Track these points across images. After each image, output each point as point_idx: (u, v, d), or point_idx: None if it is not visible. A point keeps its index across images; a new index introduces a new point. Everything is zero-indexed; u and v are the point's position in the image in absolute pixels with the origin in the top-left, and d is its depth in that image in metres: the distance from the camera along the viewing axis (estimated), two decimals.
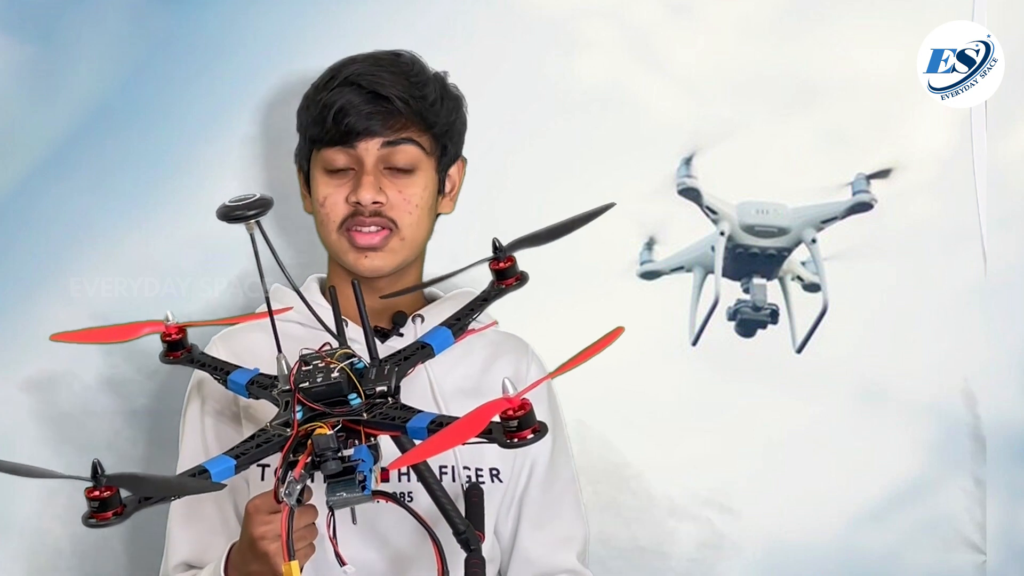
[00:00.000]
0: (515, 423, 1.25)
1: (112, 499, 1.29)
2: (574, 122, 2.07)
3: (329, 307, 1.68)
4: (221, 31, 2.05)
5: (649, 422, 2.06)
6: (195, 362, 1.63)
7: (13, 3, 2.04)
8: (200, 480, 1.36)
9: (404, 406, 1.39)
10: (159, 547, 1.72)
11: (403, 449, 1.47)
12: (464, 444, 1.26)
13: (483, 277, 1.60)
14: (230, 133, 2.05)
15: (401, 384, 1.46)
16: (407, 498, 1.60)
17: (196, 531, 1.69)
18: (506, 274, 1.57)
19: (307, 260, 1.89)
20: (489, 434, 1.27)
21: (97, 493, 1.29)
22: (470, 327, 1.57)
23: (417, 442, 1.38)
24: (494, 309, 1.69)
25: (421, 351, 1.51)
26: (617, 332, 1.32)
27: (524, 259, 1.60)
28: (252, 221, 1.40)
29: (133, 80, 2.05)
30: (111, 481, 1.28)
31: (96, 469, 1.28)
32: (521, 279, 1.58)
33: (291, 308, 1.59)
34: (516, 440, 1.26)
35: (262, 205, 1.40)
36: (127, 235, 2.05)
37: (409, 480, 1.56)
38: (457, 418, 1.30)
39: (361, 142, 1.67)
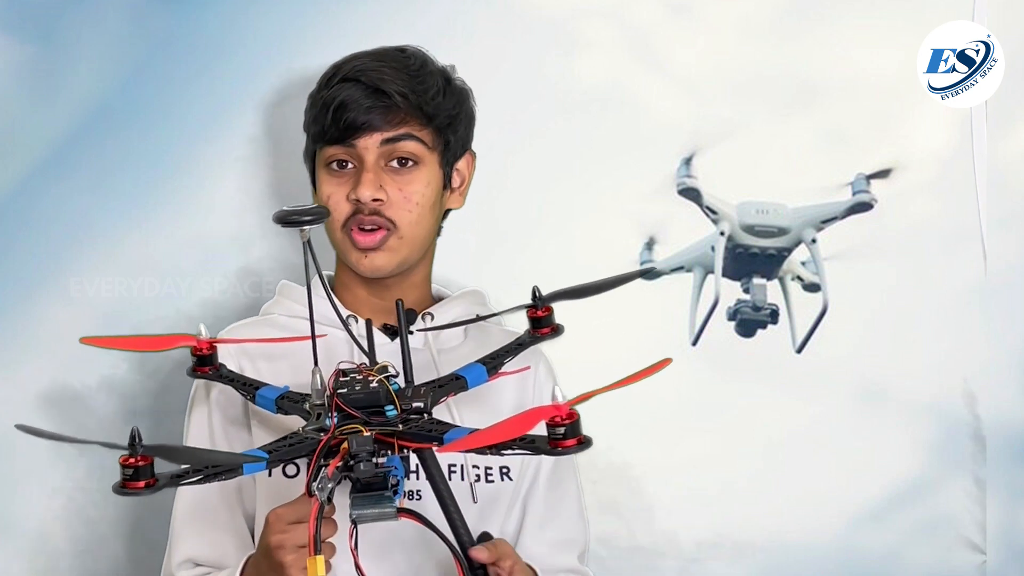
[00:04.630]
0: (562, 431, 1.27)
1: (146, 469, 1.29)
2: (574, 122, 2.07)
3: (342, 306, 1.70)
4: (221, 31, 2.05)
5: (649, 422, 2.06)
6: (223, 378, 1.63)
7: (13, 3, 2.04)
8: (237, 453, 1.35)
9: (439, 421, 1.41)
10: (159, 548, 1.72)
11: (427, 468, 1.48)
12: (505, 453, 1.28)
13: (486, 277, 1.60)
14: (230, 133, 2.05)
15: None
16: (416, 496, 1.60)
17: (203, 527, 1.67)
18: (542, 323, 1.61)
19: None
20: (532, 444, 1.29)
21: (133, 461, 1.28)
22: (504, 368, 1.59)
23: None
24: (484, 304, 1.71)
25: (455, 382, 1.52)
26: (664, 363, 1.36)
27: (520, 250, 1.61)
28: (306, 228, 1.41)
29: (133, 80, 2.05)
30: (148, 451, 1.28)
31: (135, 437, 1.28)
32: (556, 330, 1.62)
33: (325, 336, 1.55)
34: (560, 449, 1.28)
35: (318, 214, 1.42)
36: (127, 235, 2.05)
37: (418, 478, 1.56)
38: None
39: (360, 139, 1.67)
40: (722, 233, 2.08)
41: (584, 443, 1.29)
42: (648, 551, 2.09)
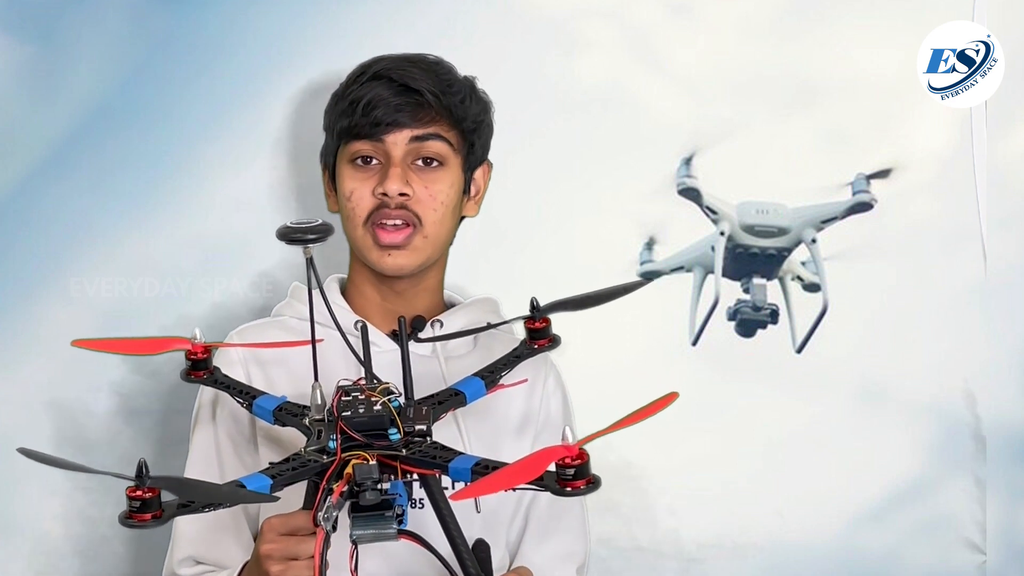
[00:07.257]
0: (571, 472, 1.27)
1: (153, 501, 1.27)
2: (574, 122, 2.07)
3: (346, 307, 1.71)
4: (221, 31, 2.04)
5: (649, 422, 2.03)
6: (218, 383, 1.61)
7: (13, 3, 2.04)
8: (250, 491, 1.34)
9: (443, 446, 1.40)
10: (160, 548, 1.72)
11: (430, 492, 1.47)
12: (515, 488, 1.27)
13: (485, 277, 1.59)
14: (230, 133, 2.05)
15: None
16: (418, 505, 1.59)
17: (205, 526, 1.67)
18: (539, 335, 1.61)
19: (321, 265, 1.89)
20: (540, 481, 1.27)
21: (140, 493, 1.27)
22: (501, 381, 1.58)
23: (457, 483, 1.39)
24: (496, 313, 1.70)
25: (454, 398, 1.52)
26: (672, 397, 1.35)
27: (520, 250, 1.58)
28: (309, 245, 1.41)
29: (133, 80, 2.05)
30: (155, 483, 1.26)
31: (141, 469, 1.26)
32: (553, 342, 1.61)
33: (322, 341, 1.52)
34: (569, 489, 1.27)
35: (322, 231, 1.41)
36: (127, 235, 2.05)
37: (420, 487, 1.56)
38: (499, 462, 1.32)
39: (389, 134, 1.67)
40: (722, 233, 2.08)
41: (593, 483, 1.28)
42: (649, 551, 2.09)
